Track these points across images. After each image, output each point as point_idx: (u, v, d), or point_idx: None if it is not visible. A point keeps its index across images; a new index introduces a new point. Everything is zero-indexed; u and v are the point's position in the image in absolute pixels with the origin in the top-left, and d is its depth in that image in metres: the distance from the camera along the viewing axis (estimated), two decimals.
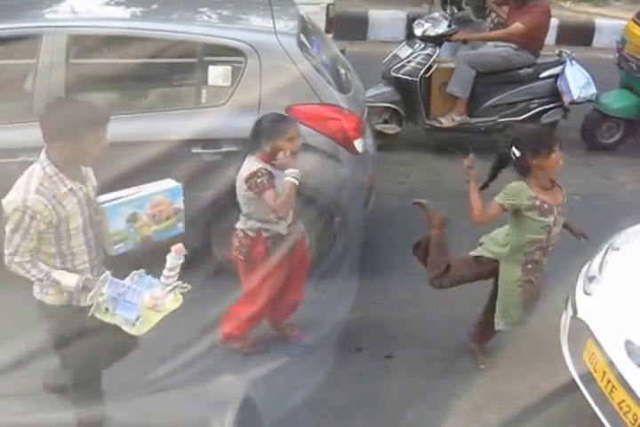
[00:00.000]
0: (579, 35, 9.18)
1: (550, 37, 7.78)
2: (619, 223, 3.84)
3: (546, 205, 3.37)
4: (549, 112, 6.17)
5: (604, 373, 3.06)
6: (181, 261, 2.88)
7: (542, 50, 6.22)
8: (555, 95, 6.10)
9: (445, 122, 6.11)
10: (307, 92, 4.03)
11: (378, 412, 3.51)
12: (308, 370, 3.64)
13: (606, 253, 3.56)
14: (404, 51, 6.12)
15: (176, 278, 2.88)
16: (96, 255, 2.87)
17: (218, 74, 4.05)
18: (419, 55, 5.98)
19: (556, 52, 6.37)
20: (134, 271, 2.85)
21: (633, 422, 2.91)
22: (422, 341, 3.99)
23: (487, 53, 6.14)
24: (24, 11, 4.32)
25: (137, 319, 2.74)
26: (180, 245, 2.89)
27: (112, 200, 2.82)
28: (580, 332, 3.28)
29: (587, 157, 6.29)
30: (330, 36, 6.27)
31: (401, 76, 5.99)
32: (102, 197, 2.83)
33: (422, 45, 6.02)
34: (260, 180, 3.35)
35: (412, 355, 3.89)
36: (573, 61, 6.13)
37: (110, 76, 4.15)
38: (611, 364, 3.03)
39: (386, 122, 6.13)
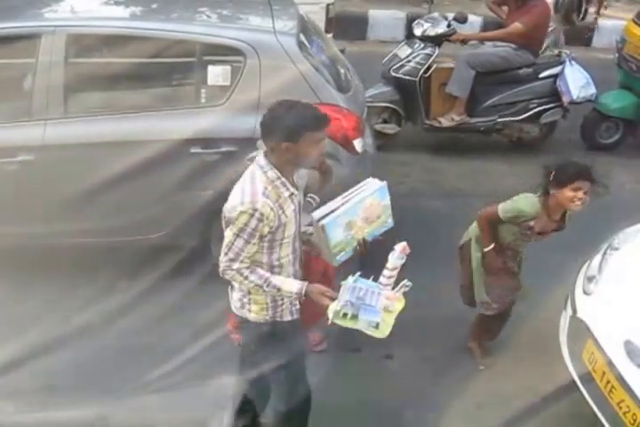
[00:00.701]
0: (578, 35, 9.16)
1: None
2: (618, 223, 3.84)
3: (529, 232, 3.48)
4: (549, 112, 6.16)
5: (604, 373, 3.06)
6: (403, 261, 2.77)
7: (542, 49, 6.21)
8: (554, 95, 6.09)
9: (445, 122, 6.11)
10: (306, 92, 4.02)
11: (377, 412, 3.51)
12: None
13: (606, 252, 3.56)
14: (404, 50, 6.11)
15: (395, 278, 2.77)
16: (298, 268, 2.82)
17: (217, 73, 4.04)
18: (418, 55, 5.98)
19: (556, 52, 6.37)
20: (357, 273, 2.76)
21: (632, 422, 2.91)
22: (422, 341, 3.98)
23: (486, 53, 6.13)
24: (23, 10, 4.31)
25: (379, 322, 2.67)
26: (404, 245, 2.79)
27: (328, 215, 2.76)
28: (580, 332, 3.28)
29: (586, 157, 6.28)
30: (329, 35, 6.26)
31: (400, 75, 5.99)
32: (317, 214, 2.77)
33: (422, 45, 6.01)
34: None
35: (412, 355, 3.89)
36: (573, 61, 6.13)
37: (109, 76, 4.14)
38: (610, 364, 3.03)
39: (385, 122, 6.13)
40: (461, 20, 6.14)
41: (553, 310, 3.69)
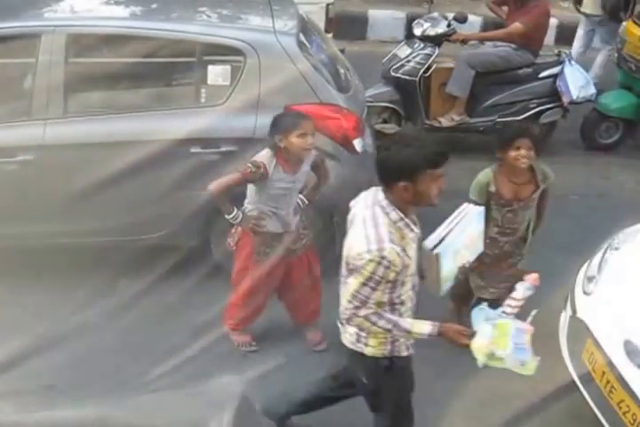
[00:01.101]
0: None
1: (549, 37, 7.77)
2: (618, 223, 3.83)
3: (502, 200, 3.58)
4: (548, 112, 6.15)
5: (604, 373, 3.06)
6: (531, 293, 2.69)
7: (541, 49, 6.21)
8: (554, 95, 6.09)
9: (444, 122, 6.10)
10: (306, 92, 4.03)
11: None
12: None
13: (605, 252, 3.56)
14: (404, 50, 6.11)
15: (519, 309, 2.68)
16: (415, 302, 2.74)
17: (217, 73, 4.05)
18: (418, 55, 5.97)
19: (555, 51, 6.37)
20: (484, 304, 2.71)
21: (632, 421, 2.91)
22: (422, 340, 3.97)
23: (486, 53, 6.13)
24: (24, 10, 4.31)
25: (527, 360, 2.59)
26: (535, 276, 2.71)
27: (440, 243, 2.70)
28: (580, 332, 3.28)
29: (585, 157, 6.29)
30: (329, 35, 6.25)
31: (400, 75, 5.99)
32: (429, 243, 2.70)
33: (421, 45, 6.01)
34: (249, 166, 3.37)
35: (412, 354, 3.88)
36: (572, 61, 6.13)
37: (109, 76, 4.14)
38: (610, 364, 3.03)
39: (385, 121, 6.12)
40: (461, 19, 6.14)
41: (553, 310, 3.68)
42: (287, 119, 3.38)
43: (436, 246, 2.69)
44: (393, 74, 6.01)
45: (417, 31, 6.06)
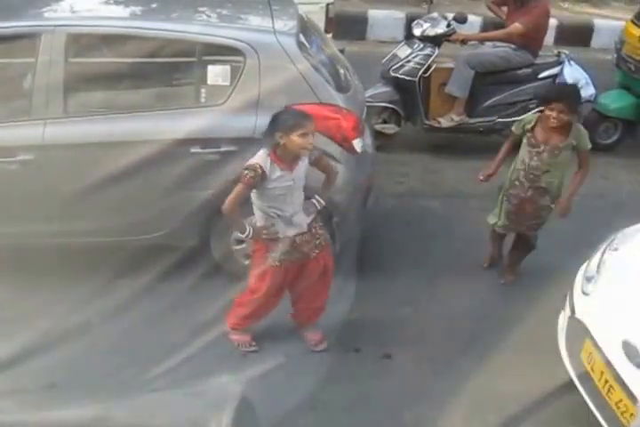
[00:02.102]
0: (577, 35, 9.19)
1: (549, 37, 7.79)
2: (617, 223, 3.84)
3: (533, 140, 4.11)
4: None
5: (602, 373, 3.07)
6: None
7: (541, 50, 6.22)
8: None
9: (444, 122, 6.11)
10: (305, 92, 4.03)
11: (376, 412, 3.51)
12: (306, 370, 3.65)
13: (604, 253, 3.57)
14: (403, 51, 6.12)
15: None
16: None
17: (217, 73, 4.04)
18: (418, 55, 5.98)
19: (555, 52, 6.38)
20: None
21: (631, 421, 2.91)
22: (421, 341, 3.99)
23: (486, 53, 6.14)
24: (23, 10, 4.31)
25: None
26: None
27: None
28: (578, 332, 3.28)
29: None
30: (329, 35, 6.26)
31: (400, 75, 5.99)
32: None
33: (421, 45, 6.02)
34: (247, 173, 3.36)
35: (411, 355, 3.89)
36: (572, 62, 6.14)
37: (109, 75, 4.14)
38: (608, 364, 3.04)
39: (385, 122, 6.13)
40: (461, 20, 6.14)
41: (552, 310, 3.69)
42: (290, 117, 3.38)
43: None
44: (392, 74, 6.02)
45: (416, 31, 6.07)
